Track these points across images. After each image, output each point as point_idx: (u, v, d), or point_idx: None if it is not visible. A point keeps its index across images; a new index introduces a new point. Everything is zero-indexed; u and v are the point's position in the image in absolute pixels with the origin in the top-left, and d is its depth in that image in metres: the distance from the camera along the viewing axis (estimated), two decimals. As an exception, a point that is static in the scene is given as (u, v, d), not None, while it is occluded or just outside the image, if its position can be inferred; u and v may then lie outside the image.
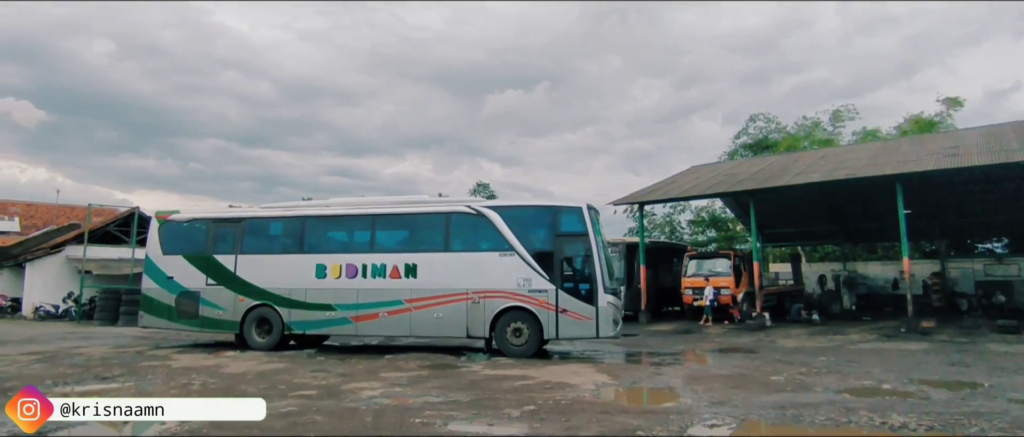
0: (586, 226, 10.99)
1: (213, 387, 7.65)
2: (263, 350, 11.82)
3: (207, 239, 13.10)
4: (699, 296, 18.21)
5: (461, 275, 11.32)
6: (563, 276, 10.90)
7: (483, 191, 65.87)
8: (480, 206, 11.78)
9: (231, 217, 13.42)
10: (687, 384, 7.96)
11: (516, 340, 10.93)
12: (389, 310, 11.57)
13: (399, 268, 11.64)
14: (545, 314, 10.81)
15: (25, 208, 46.81)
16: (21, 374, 8.72)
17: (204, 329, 12.72)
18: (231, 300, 12.40)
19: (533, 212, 11.97)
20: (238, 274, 12.51)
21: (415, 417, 5.89)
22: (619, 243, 21.04)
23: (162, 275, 13.05)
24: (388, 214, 12.52)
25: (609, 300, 10.74)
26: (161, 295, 12.92)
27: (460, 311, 11.21)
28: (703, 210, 39.48)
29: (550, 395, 6.99)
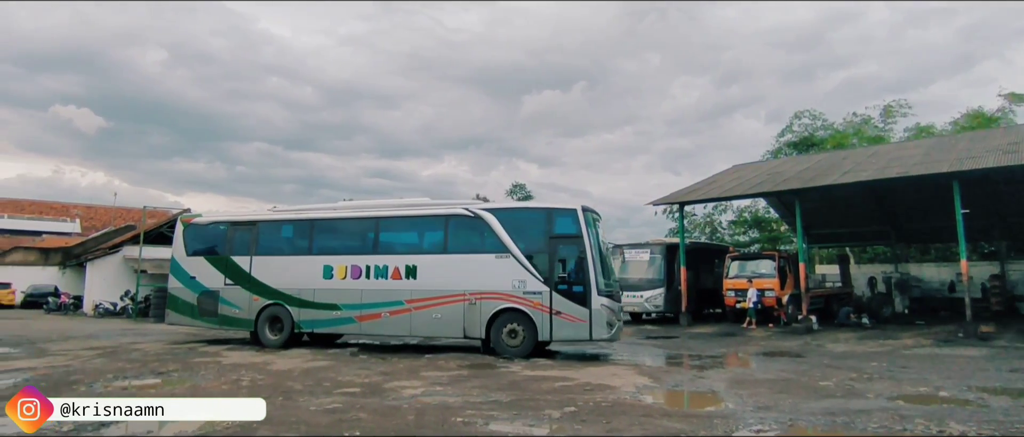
0: (580, 228, 10.96)
1: (261, 383, 7.89)
2: (274, 348, 12.26)
3: (225, 241, 13.66)
4: (742, 298, 17.82)
5: (459, 276, 11.48)
6: (557, 278, 10.90)
7: (520, 192, 65.97)
8: (477, 208, 11.92)
9: (246, 220, 13.96)
10: (731, 388, 7.80)
11: (511, 341, 10.99)
12: (391, 310, 11.85)
13: (400, 269, 11.93)
14: (539, 316, 10.86)
15: (85, 210, 49.23)
16: (85, 368, 9.17)
17: (222, 327, 13.32)
18: (247, 299, 12.93)
19: (528, 214, 12.08)
20: (253, 275, 13.04)
21: (456, 416, 5.95)
22: (658, 244, 20.79)
23: (186, 275, 13.72)
24: (390, 217, 12.86)
25: (603, 302, 10.69)
26: (185, 294, 13.60)
27: (458, 312, 11.38)
28: (745, 210, 38.61)
29: (590, 397, 6.96)
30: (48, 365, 9.48)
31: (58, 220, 46.39)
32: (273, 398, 6.82)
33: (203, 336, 14.25)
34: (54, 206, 49.24)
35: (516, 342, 10.95)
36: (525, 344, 10.89)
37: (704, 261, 21.55)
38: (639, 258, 20.38)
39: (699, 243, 27.58)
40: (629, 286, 20.04)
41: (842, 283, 23.45)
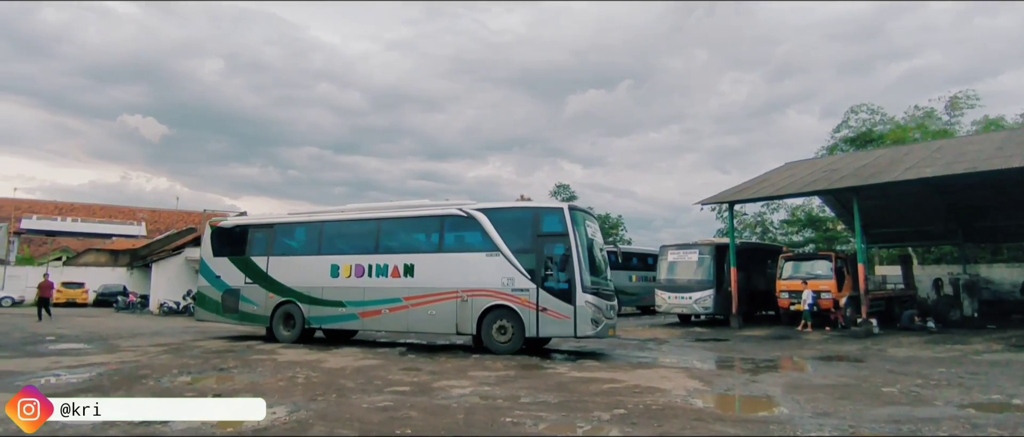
0: (566, 226, 11.10)
1: (315, 381, 8.12)
2: (287, 342, 13.01)
3: (246, 243, 14.43)
4: (796, 300, 17.23)
5: (452, 275, 11.82)
6: (544, 275, 11.11)
7: (564, 192, 65.69)
8: (469, 208, 12.13)
9: (264, 223, 14.75)
10: (787, 393, 7.55)
11: (501, 337, 11.25)
12: (390, 307, 12.32)
13: (399, 268, 12.39)
14: (527, 312, 11.05)
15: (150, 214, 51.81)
16: (152, 364, 9.66)
17: (242, 323, 14.13)
18: (264, 297, 13.70)
19: (517, 213, 12.23)
20: (269, 274, 13.78)
21: (505, 416, 5.98)
22: (707, 244, 20.33)
23: (212, 274, 14.62)
24: (390, 217, 13.32)
25: (587, 299, 10.80)
26: (211, 292, 14.50)
27: (451, 309, 11.69)
28: (798, 209, 37.34)
29: (640, 399, 6.87)
30: (119, 360, 10.03)
31: (126, 223, 49.06)
32: (327, 395, 7.03)
33: (257, 334, 14.76)
34: (122, 210, 52.06)
35: (505, 338, 11.20)
36: (514, 341, 11.13)
37: (755, 262, 20.94)
38: (687, 259, 19.98)
39: (750, 243, 26.85)
40: (676, 287, 19.69)
41: (904, 285, 22.36)
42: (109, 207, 51.97)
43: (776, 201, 33.05)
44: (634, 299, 27.45)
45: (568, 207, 11.50)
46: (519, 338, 11.12)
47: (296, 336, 13.16)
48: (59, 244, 42.00)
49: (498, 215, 11.90)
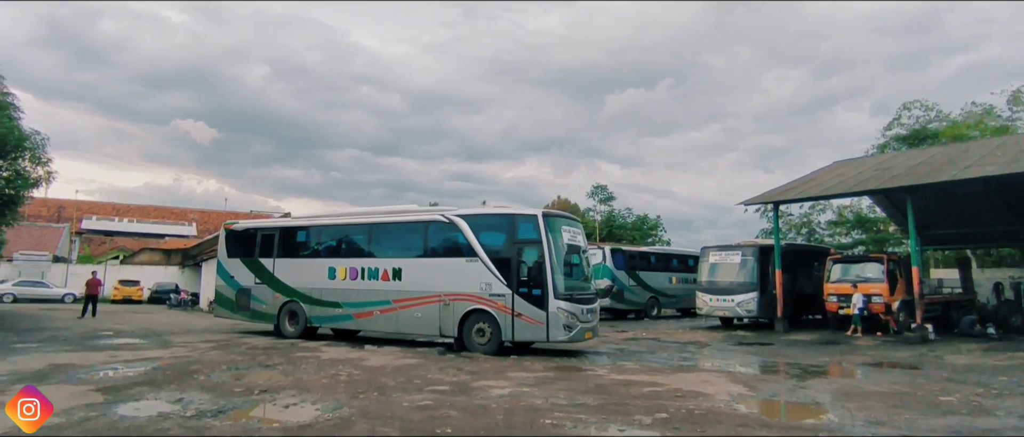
0: (540, 233, 11.21)
1: (357, 378, 8.26)
2: (291, 338, 13.69)
3: (255, 245, 15.24)
4: (845, 303, 16.62)
5: (435, 279, 12.21)
6: (519, 281, 11.26)
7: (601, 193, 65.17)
8: (452, 214, 12.42)
9: (271, 226, 15.51)
10: (837, 400, 7.28)
11: (480, 340, 11.57)
12: (381, 309, 12.88)
13: (388, 271, 12.92)
14: (503, 317, 11.30)
15: (200, 215, 53.74)
16: (202, 359, 10.00)
17: (253, 319, 15.03)
18: (271, 296, 14.56)
19: (496, 219, 12.32)
20: (275, 275, 14.63)
21: (544, 418, 5.95)
22: (750, 245, 19.83)
23: (227, 274, 15.56)
24: (381, 223, 13.75)
25: (560, 306, 10.94)
26: (226, 291, 15.50)
27: (435, 312, 12.11)
28: (846, 209, 36.07)
29: (682, 404, 6.73)
30: (172, 356, 10.43)
31: (178, 224, 51.03)
32: (368, 393, 7.13)
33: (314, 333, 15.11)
34: (174, 211, 54.17)
35: (483, 340, 11.51)
36: (491, 343, 11.43)
37: (802, 264, 20.31)
38: (729, 260, 19.51)
39: (796, 244, 26.09)
40: (718, 290, 19.26)
41: (962, 289, 21.32)
42: (162, 208, 54.19)
43: (823, 201, 31.96)
44: (674, 301, 27.00)
45: (542, 213, 11.63)
46: (496, 341, 11.41)
47: (299, 333, 13.93)
48: (116, 244, 44.00)
49: (478, 221, 12.18)
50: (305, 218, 15.75)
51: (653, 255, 27.77)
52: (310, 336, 14.05)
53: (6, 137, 15.27)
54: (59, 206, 46.99)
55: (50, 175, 17.13)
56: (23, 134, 16.05)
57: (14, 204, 17.09)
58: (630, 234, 58.63)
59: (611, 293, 24.14)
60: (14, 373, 8.08)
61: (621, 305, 24.72)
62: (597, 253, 25.24)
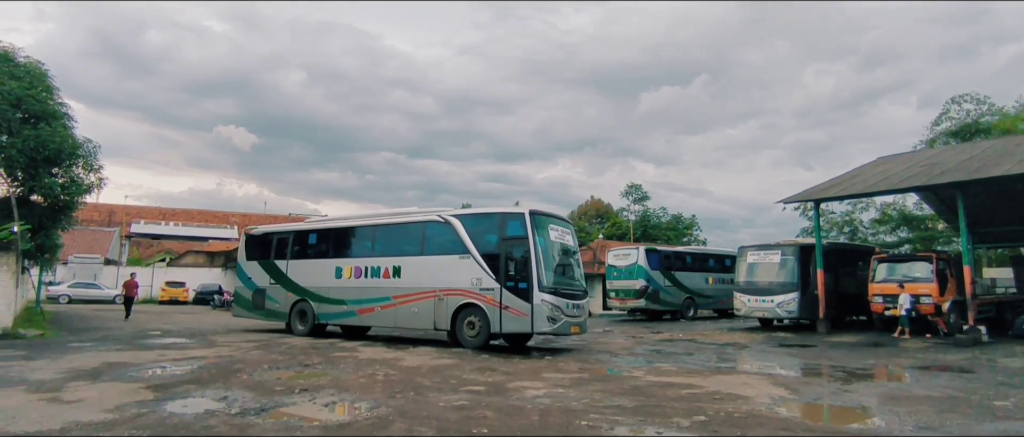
0: (526, 230, 11.83)
1: (394, 378, 8.37)
2: (301, 336, 14.55)
3: (270, 248, 16.31)
4: (891, 304, 16.05)
5: (431, 276, 12.94)
6: (507, 276, 11.89)
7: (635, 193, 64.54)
8: (447, 214, 13.21)
9: (283, 230, 16.65)
10: (884, 404, 7.04)
11: (470, 332, 12.25)
12: (382, 305, 13.69)
13: (389, 270, 13.73)
14: (492, 310, 11.94)
15: (241, 218, 55.27)
16: (245, 358, 10.29)
17: (267, 318, 16.01)
18: (283, 296, 15.56)
19: (486, 219, 12.97)
20: (288, 275, 15.65)
21: (580, 419, 5.92)
22: (790, 244, 19.35)
23: (245, 275, 16.66)
24: (383, 224, 14.66)
25: (544, 298, 11.54)
26: (244, 291, 16.59)
27: (430, 307, 12.83)
28: (890, 207, 34.87)
29: (721, 406, 6.61)
30: (216, 355, 10.75)
31: (220, 227, 52.64)
32: (405, 392, 7.22)
33: (336, 333, 15.41)
34: (216, 215, 55.87)
35: (474, 333, 12.20)
36: (481, 335, 12.08)
37: (844, 263, 19.71)
38: (768, 260, 19.07)
39: (838, 243, 25.35)
40: (757, 290, 18.85)
41: (1017, 288, 20.35)
42: (205, 212, 55.99)
43: (865, 199, 30.93)
44: (710, 302, 26.54)
45: (529, 212, 12.18)
46: (485, 333, 12.02)
47: (308, 330, 14.80)
48: (163, 247, 45.64)
49: (470, 221, 12.92)
50: (316, 222, 16.85)
51: (689, 255, 27.35)
52: (320, 334, 14.84)
53: (61, 146, 15.97)
54: (110, 211, 49.00)
55: (101, 181, 17.79)
56: (77, 143, 16.76)
57: (69, 209, 17.85)
58: (665, 234, 57.86)
59: (646, 294, 23.90)
60: (72, 370, 8.46)
61: (656, 306, 24.43)
62: (631, 253, 25.03)
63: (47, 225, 17.36)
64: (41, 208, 16.92)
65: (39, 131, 15.62)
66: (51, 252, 19.03)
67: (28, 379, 7.64)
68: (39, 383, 7.37)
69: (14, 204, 15.04)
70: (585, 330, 12.93)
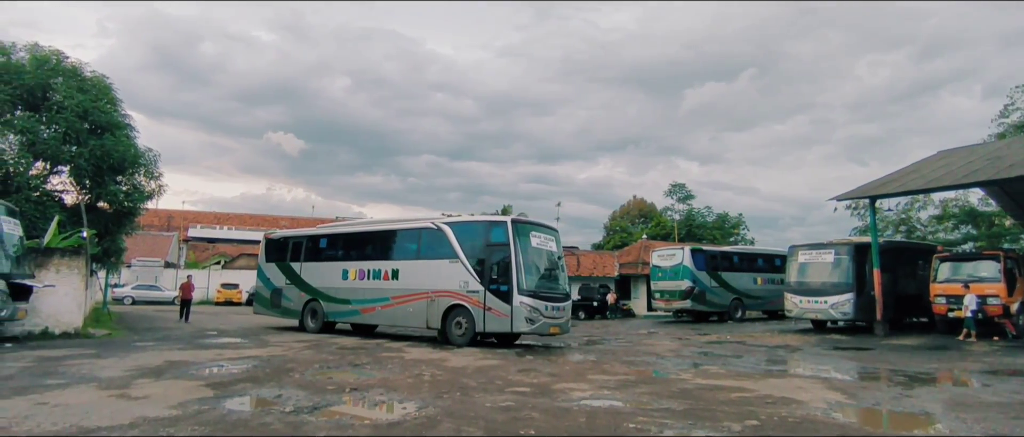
0: (508, 237, 12.75)
1: (441, 378, 8.47)
2: (311, 332, 15.73)
3: (287, 251, 17.62)
4: (955, 305, 15.28)
5: (425, 278, 13.94)
6: (490, 279, 12.79)
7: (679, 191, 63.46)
8: (439, 222, 14.25)
9: (298, 235, 18.04)
10: (949, 410, 6.71)
11: (458, 331, 13.18)
12: (382, 305, 14.73)
13: (388, 272, 14.80)
14: (477, 311, 12.85)
15: (290, 222, 56.99)
16: (296, 358, 10.60)
17: (283, 316, 17.27)
18: (297, 295, 16.78)
19: (474, 226, 13.82)
20: (301, 276, 16.86)
21: (628, 422, 5.86)
22: (844, 243, 18.66)
23: (265, 276, 18.03)
24: (383, 231, 15.91)
25: (523, 301, 12.45)
26: (264, 291, 17.94)
27: (423, 307, 13.83)
28: (952, 203, 33.16)
29: (774, 411, 6.43)
30: (269, 354, 11.11)
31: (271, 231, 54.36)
32: (452, 393, 7.30)
33: (385, 334, 15.71)
34: (267, 219, 57.78)
35: (461, 332, 13.13)
36: (467, 334, 13.01)
37: (903, 263, 18.88)
38: (821, 260, 18.45)
39: (896, 242, 24.28)
40: (809, 291, 18.26)
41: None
42: (256, 216, 58.01)
43: (924, 195, 29.48)
44: (759, 303, 25.86)
45: (511, 221, 13.29)
46: (471, 332, 12.95)
47: (319, 327, 15.93)
48: (218, 250, 47.51)
49: (460, 228, 13.83)
50: (327, 227, 18.32)
51: (736, 255, 26.72)
52: (329, 331, 16.07)
53: (124, 155, 16.84)
54: (168, 216, 51.33)
55: (161, 188, 18.71)
56: (138, 152, 17.64)
57: (132, 215, 18.81)
58: (710, 233, 56.67)
59: (692, 295, 23.47)
60: (137, 368, 8.90)
61: (702, 307, 23.96)
62: (676, 253, 24.62)
63: (112, 230, 18.35)
64: (107, 214, 17.89)
65: (104, 141, 16.52)
66: (116, 256, 20.07)
67: (99, 377, 8.08)
68: (109, 380, 7.78)
69: (83, 211, 15.94)
70: (566, 330, 13.90)
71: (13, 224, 12.27)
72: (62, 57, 17.22)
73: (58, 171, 17.08)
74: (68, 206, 17.08)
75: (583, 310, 28.65)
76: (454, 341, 13.20)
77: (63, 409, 5.94)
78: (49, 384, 7.39)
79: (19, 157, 15.73)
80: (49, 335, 13.09)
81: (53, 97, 16.49)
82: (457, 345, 12.91)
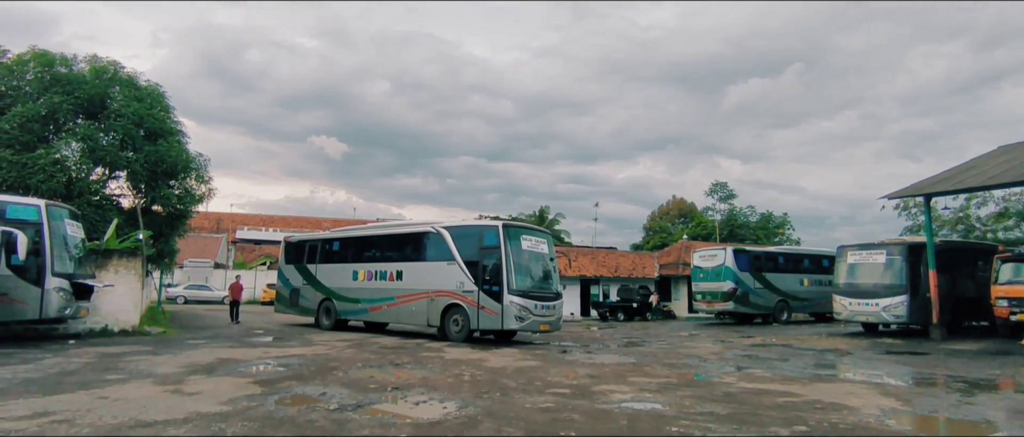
0: (499, 241, 13.58)
1: (480, 379, 8.52)
2: (327, 330, 16.69)
3: (303, 253, 18.73)
4: (1018, 309, 14.48)
5: (425, 279, 14.88)
6: (483, 280, 13.65)
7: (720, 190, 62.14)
8: (438, 227, 15.19)
9: (313, 238, 19.31)
10: (1013, 418, 6.37)
11: (455, 328, 14.13)
12: (387, 304, 15.75)
13: (393, 273, 15.78)
14: (471, 310, 13.78)
15: (333, 223, 58.15)
16: (339, 357, 10.83)
17: (301, 314, 18.37)
18: (313, 295, 17.88)
19: (469, 230, 14.81)
20: (317, 277, 17.92)
21: (670, 425, 5.76)
22: (897, 243, 17.94)
23: (284, 277, 19.22)
24: (389, 234, 17.23)
25: (513, 300, 13.30)
26: (284, 290, 19.11)
27: (424, 306, 14.78)
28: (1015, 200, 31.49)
29: (824, 416, 6.22)
30: (313, 353, 11.39)
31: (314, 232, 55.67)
32: (491, 393, 7.33)
33: (425, 333, 15.88)
34: (310, 221, 59.22)
35: (458, 329, 14.06)
36: (463, 332, 13.95)
37: (961, 264, 18.00)
38: (872, 260, 17.77)
39: (953, 242, 23.21)
40: (860, 293, 17.62)
41: None
42: (301, 218, 59.53)
43: (983, 193, 28.05)
44: (806, 305, 25.11)
45: (502, 225, 14.14)
46: (466, 329, 13.88)
47: (332, 324, 17.00)
48: (264, 251, 48.93)
49: (456, 232, 14.79)
50: (339, 231, 19.65)
51: (782, 255, 26.02)
52: (342, 328, 17.07)
53: (177, 160, 17.55)
54: (218, 218, 53.18)
55: (211, 192, 19.46)
56: (190, 157, 18.36)
57: (184, 218, 19.60)
58: (754, 233, 55.29)
59: (735, 296, 22.96)
60: (190, 365, 9.25)
61: (746, 309, 23.42)
62: (718, 254, 24.13)
63: (166, 232, 19.14)
64: (161, 217, 18.67)
65: (158, 147, 17.25)
66: (169, 257, 20.93)
67: (155, 372, 8.43)
68: (164, 376, 8.11)
69: (139, 213, 16.67)
70: (557, 328, 14.73)
71: (76, 227, 12.94)
72: (119, 67, 18.08)
73: (116, 176, 17.94)
74: (125, 209, 17.90)
75: (622, 311, 28.35)
76: (452, 337, 14.06)
77: (123, 403, 6.23)
78: (109, 379, 7.76)
79: (81, 163, 16.57)
80: (109, 332, 13.74)
81: (111, 105, 17.31)
82: (454, 341, 13.83)
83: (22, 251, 10.87)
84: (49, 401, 6.26)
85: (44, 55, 17.18)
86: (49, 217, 11.86)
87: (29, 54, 17.19)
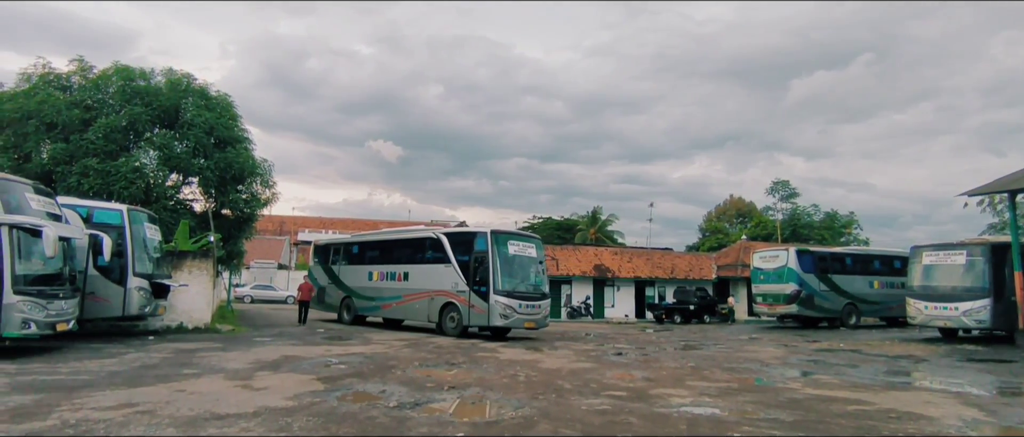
0: (487, 245, 14.87)
1: (535, 379, 8.52)
2: (346, 324, 18.54)
3: (328, 255, 20.85)
4: (1121, 314, 13.28)
5: (427, 280, 16.41)
6: (474, 281, 14.98)
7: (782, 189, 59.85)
8: (438, 233, 16.91)
9: (337, 241, 21.64)
10: (1117, 434, 5.84)
11: (451, 325, 15.58)
12: (396, 302, 17.43)
13: (401, 275, 17.45)
14: (464, 308, 15.16)
15: (388, 225, 59.59)
16: (397, 356, 11.07)
17: (327, 310, 20.24)
18: (335, 293, 19.84)
19: (463, 235, 16.21)
20: (339, 277, 19.88)
21: (732, 431, 5.60)
22: (979, 244, 16.82)
23: (313, 277, 21.16)
24: (400, 239, 18.87)
25: (498, 299, 14.54)
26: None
27: (425, 304, 16.31)
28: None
29: (898, 426, 5.89)
30: (372, 351, 11.69)
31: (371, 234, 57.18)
32: (547, 394, 7.32)
33: (480, 334, 16.02)
34: (368, 223, 60.80)
35: (453, 326, 15.48)
36: (457, 328, 15.33)
37: (1052, 265, 16.65)
38: (950, 261, 16.71)
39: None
40: (937, 296, 16.62)
41: None
42: (358, 221, 61.24)
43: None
44: (876, 309, 23.91)
45: (491, 231, 15.27)
46: (460, 326, 15.24)
47: (351, 320, 19.01)
48: (324, 252, 50.59)
49: (453, 237, 16.32)
50: (358, 235, 21.89)
51: (849, 256, 24.86)
52: (360, 323, 18.97)
53: (244, 166, 18.42)
54: (281, 221, 55.40)
55: (275, 196, 20.35)
56: (256, 163, 19.23)
57: (250, 221, 20.56)
58: (818, 233, 52.97)
59: (798, 299, 22.14)
60: (258, 362, 9.68)
61: (811, 312, 22.52)
62: (780, 255, 23.29)
63: (234, 234, 20.10)
64: (229, 220, 19.63)
65: (226, 154, 18.15)
66: (238, 258, 21.97)
67: (226, 368, 8.87)
68: (234, 372, 8.52)
69: (210, 217, 17.59)
70: (543, 326, 15.86)
71: (153, 230, 13.78)
72: (192, 79, 19.14)
73: (189, 182, 19.00)
74: (197, 213, 18.93)
75: (678, 314, 27.75)
76: (448, 333, 15.53)
77: (198, 396, 6.58)
78: (185, 373, 8.21)
79: (157, 170, 17.63)
80: (183, 329, 14.55)
81: (184, 115, 18.34)
82: (450, 336, 15.22)
83: (107, 253, 11.64)
84: (132, 393, 6.69)
85: (125, 70, 18.38)
86: (131, 221, 12.70)
87: (112, 69, 18.44)
